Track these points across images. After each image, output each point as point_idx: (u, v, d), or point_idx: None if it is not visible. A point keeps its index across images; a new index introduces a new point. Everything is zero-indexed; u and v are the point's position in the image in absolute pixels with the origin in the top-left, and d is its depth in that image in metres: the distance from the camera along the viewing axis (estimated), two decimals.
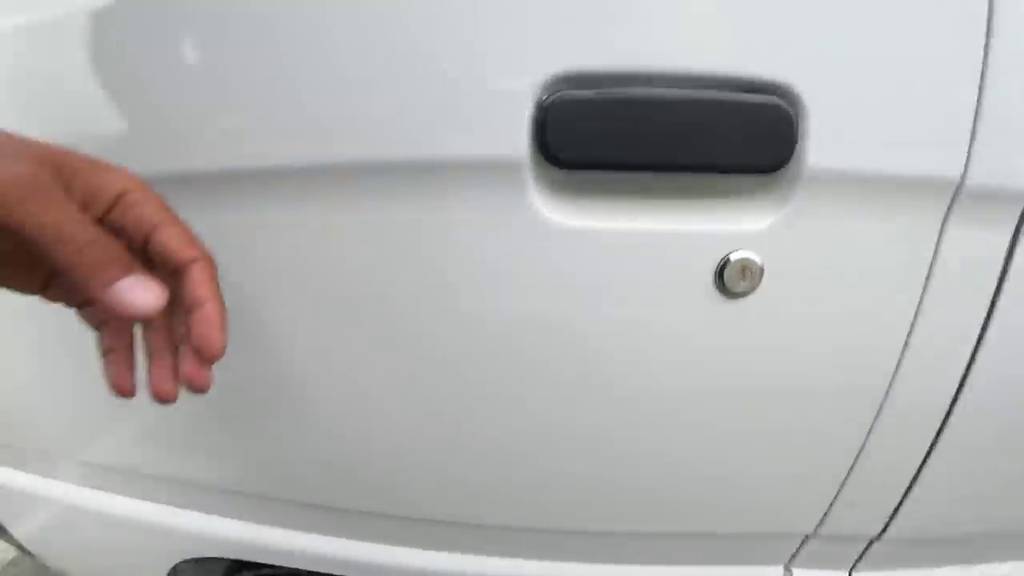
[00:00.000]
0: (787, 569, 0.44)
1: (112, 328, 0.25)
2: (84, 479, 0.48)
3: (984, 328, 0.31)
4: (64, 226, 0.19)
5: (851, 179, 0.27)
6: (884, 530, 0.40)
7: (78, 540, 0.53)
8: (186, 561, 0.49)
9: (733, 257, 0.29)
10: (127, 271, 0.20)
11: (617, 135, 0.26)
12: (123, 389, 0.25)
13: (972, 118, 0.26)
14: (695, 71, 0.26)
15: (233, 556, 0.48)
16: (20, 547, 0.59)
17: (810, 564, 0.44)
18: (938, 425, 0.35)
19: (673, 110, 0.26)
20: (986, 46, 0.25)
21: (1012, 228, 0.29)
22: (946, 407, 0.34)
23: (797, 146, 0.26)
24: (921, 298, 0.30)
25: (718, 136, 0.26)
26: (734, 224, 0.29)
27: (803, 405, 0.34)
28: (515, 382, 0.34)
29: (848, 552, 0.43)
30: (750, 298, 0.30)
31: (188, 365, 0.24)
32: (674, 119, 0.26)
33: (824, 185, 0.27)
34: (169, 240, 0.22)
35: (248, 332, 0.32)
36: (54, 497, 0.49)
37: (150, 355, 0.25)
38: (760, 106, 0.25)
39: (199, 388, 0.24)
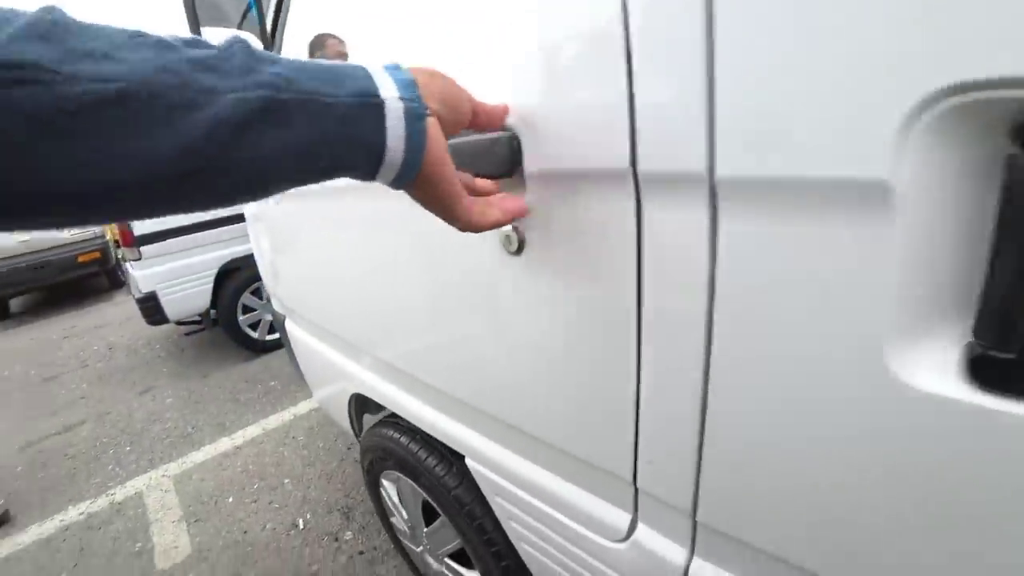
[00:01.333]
0: (634, 522, 0.49)
1: None
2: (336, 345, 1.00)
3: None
4: None
5: (560, 177, 0.41)
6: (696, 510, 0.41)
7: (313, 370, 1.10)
8: (359, 395, 0.95)
9: (504, 229, 0.46)
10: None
11: None
12: None
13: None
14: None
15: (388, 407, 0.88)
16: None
17: (653, 525, 0.47)
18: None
19: None
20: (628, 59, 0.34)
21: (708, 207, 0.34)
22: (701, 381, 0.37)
23: (522, 160, 0.43)
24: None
25: (489, 159, 0.46)
26: None
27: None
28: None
29: (679, 525, 0.44)
30: (521, 257, 0.46)
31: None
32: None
33: (545, 181, 0.42)
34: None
35: None
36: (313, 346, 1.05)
37: None
38: (498, 139, 0.44)
39: None
